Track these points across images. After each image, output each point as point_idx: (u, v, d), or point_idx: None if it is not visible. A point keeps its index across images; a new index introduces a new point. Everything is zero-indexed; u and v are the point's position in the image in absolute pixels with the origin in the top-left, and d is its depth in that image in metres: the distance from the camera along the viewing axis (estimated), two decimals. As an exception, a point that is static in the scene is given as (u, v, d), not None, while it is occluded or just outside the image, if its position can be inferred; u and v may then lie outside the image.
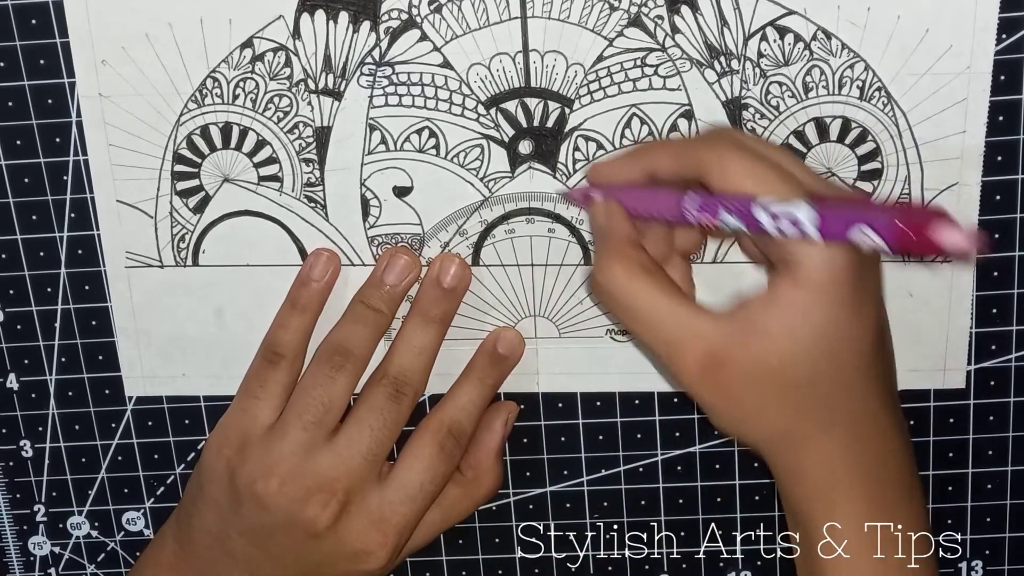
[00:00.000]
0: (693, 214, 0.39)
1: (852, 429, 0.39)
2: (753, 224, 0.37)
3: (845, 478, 0.39)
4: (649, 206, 0.41)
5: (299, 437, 0.45)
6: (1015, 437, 0.49)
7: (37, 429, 0.52)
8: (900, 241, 0.33)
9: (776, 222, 0.36)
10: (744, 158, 0.38)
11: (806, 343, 0.37)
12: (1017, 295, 0.47)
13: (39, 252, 0.49)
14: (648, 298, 0.39)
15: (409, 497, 0.45)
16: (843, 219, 0.35)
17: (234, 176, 0.47)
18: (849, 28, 0.43)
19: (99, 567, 0.54)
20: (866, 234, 0.34)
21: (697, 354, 0.38)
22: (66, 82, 0.46)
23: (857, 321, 0.37)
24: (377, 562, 0.45)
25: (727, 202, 0.37)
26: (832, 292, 0.36)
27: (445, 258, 0.47)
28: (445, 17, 0.44)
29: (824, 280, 0.36)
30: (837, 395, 0.39)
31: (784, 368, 0.38)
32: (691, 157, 0.39)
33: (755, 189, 0.37)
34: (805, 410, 0.39)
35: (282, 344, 0.47)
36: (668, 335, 0.39)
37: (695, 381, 0.39)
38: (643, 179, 0.41)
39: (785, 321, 0.37)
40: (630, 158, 0.42)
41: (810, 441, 0.39)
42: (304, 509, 0.44)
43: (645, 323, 0.39)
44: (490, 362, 0.48)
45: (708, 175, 0.38)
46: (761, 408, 0.39)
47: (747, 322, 0.38)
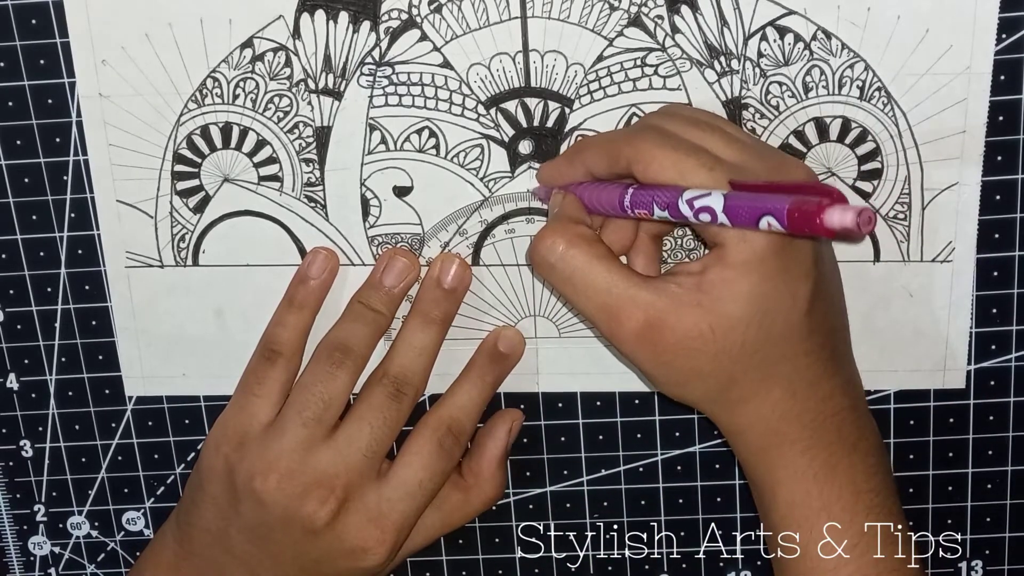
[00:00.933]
0: (631, 209, 0.40)
1: (788, 391, 0.41)
2: (678, 216, 0.38)
3: (784, 435, 0.41)
4: (596, 201, 0.42)
5: (298, 434, 0.45)
6: (1015, 437, 0.49)
7: (37, 429, 0.52)
8: (798, 228, 0.35)
9: (696, 213, 0.37)
10: (663, 149, 0.39)
11: (736, 314, 0.39)
12: (1017, 295, 0.47)
13: (39, 252, 0.49)
14: (585, 266, 0.40)
15: (408, 494, 0.45)
16: (749, 209, 0.36)
17: (234, 176, 0.47)
18: (849, 28, 0.43)
19: (99, 567, 0.54)
20: (770, 223, 0.35)
21: (633, 321, 0.40)
22: (66, 82, 0.46)
23: (785, 292, 0.39)
24: (376, 559, 0.45)
25: (658, 195, 0.39)
26: (755, 269, 0.39)
27: (445, 258, 0.47)
28: (445, 17, 0.44)
29: (746, 259, 0.38)
30: (770, 360, 0.40)
31: (716, 336, 0.39)
32: (618, 155, 0.41)
33: (677, 180, 0.39)
34: (739, 374, 0.40)
35: (280, 341, 0.47)
36: (605, 301, 0.40)
37: (632, 347, 0.40)
38: (585, 178, 0.43)
39: (715, 295, 0.39)
40: (567, 160, 0.44)
41: (747, 403, 0.41)
42: (302, 506, 0.44)
43: (584, 290, 0.41)
44: (490, 361, 0.48)
45: (636, 170, 0.40)
46: (696, 372, 0.40)
47: (681, 293, 0.40)
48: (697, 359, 0.40)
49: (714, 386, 0.41)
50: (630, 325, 0.40)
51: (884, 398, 0.49)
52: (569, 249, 0.41)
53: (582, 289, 0.41)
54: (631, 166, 0.40)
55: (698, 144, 0.40)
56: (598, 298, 0.40)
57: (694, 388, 0.42)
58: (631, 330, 0.40)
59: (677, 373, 0.41)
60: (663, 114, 0.43)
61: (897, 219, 0.46)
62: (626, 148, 0.40)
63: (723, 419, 0.43)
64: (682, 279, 0.40)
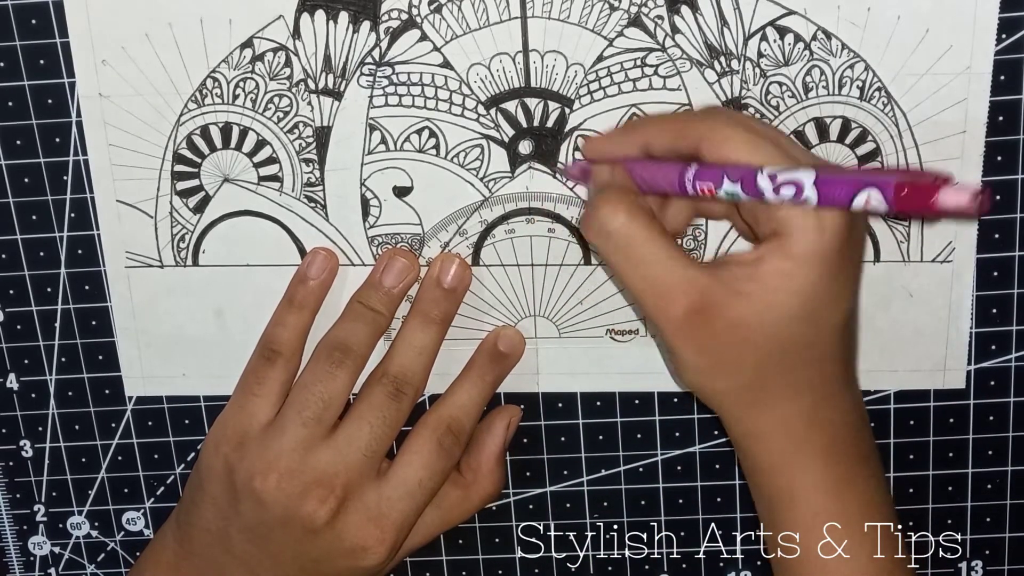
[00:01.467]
0: (695, 184, 0.39)
1: (817, 397, 0.41)
2: (754, 191, 0.37)
3: (805, 443, 0.41)
4: (649, 177, 0.41)
5: (298, 433, 0.45)
6: (1015, 437, 0.49)
7: (37, 429, 0.52)
8: (906, 205, 0.34)
9: (777, 190, 0.37)
10: (743, 131, 0.39)
11: (785, 309, 0.38)
12: (1017, 295, 0.47)
13: (39, 252, 0.49)
14: (647, 239, 0.40)
15: (407, 493, 0.45)
16: (846, 184, 0.35)
17: (234, 176, 0.47)
18: (849, 28, 0.43)
19: (99, 567, 0.54)
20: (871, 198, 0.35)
21: (685, 301, 0.39)
22: (66, 82, 0.46)
23: (835, 294, 0.39)
24: (375, 558, 0.45)
25: (731, 170, 0.38)
26: (816, 264, 0.38)
27: (445, 258, 0.47)
28: (445, 17, 0.44)
29: (809, 252, 0.37)
30: (807, 363, 0.40)
31: (763, 329, 0.39)
32: (688, 131, 0.40)
33: (756, 160, 0.38)
34: (775, 372, 0.40)
35: (279, 341, 0.47)
36: (659, 278, 0.39)
37: (676, 328, 0.40)
38: (638, 154, 0.42)
39: (769, 286, 0.38)
40: (625, 133, 0.43)
41: (775, 403, 0.41)
42: (302, 505, 0.44)
43: (639, 264, 0.40)
44: (490, 360, 0.48)
45: (706, 148, 0.39)
46: (735, 363, 0.40)
47: (733, 281, 0.39)
48: (740, 349, 0.39)
49: (749, 380, 0.40)
50: (681, 305, 0.39)
51: (884, 398, 0.49)
52: (630, 220, 0.39)
53: (637, 261, 0.40)
54: (702, 142, 0.39)
55: (772, 135, 0.39)
56: (652, 272, 0.39)
57: (728, 380, 0.41)
58: (680, 310, 0.39)
59: (716, 362, 0.40)
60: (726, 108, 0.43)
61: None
62: (698, 124, 0.40)
63: (746, 419, 0.42)
64: (735, 267, 0.39)
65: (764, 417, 0.41)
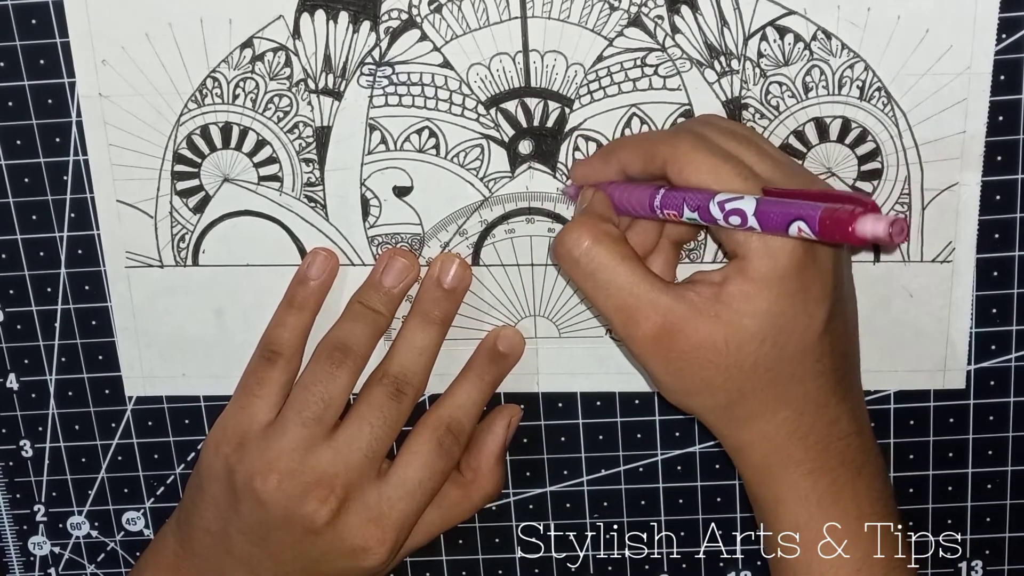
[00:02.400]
0: (661, 209, 0.40)
1: (798, 409, 0.41)
2: (708, 218, 0.38)
3: (787, 457, 0.41)
4: (625, 201, 0.42)
5: (298, 434, 0.45)
6: (1015, 437, 0.49)
7: (37, 429, 0.52)
8: (830, 235, 0.35)
9: (727, 215, 0.37)
10: (700, 153, 0.39)
11: (751, 330, 0.39)
12: (1017, 295, 0.47)
13: (39, 252, 0.49)
14: (609, 264, 0.40)
15: (408, 493, 0.45)
16: (781, 214, 0.36)
17: (234, 176, 0.47)
18: (849, 28, 0.43)
19: (99, 567, 0.54)
20: (800, 228, 0.35)
21: (650, 324, 0.40)
22: (66, 82, 0.46)
23: (802, 312, 0.39)
24: (376, 559, 0.45)
25: (690, 197, 0.39)
26: (775, 285, 0.38)
27: (445, 258, 0.47)
28: (445, 17, 0.44)
29: (767, 273, 0.38)
30: (780, 379, 0.40)
31: (729, 349, 0.39)
32: (654, 155, 0.41)
33: (711, 184, 0.39)
34: (749, 391, 0.40)
35: (280, 342, 0.47)
36: (624, 301, 0.40)
37: (645, 350, 0.40)
38: (618, 177, 0.43)
39: (732, 308, 0.39)
40: (602, 157, 0.44)
41: (753, 420, 0.41)
42: (303, 505, 0.44)
43: (604, 287, 0.40)
44: (490, 360, 0.48)
45: (670, 171, 0.40)
46: (706, 383, 0.40)
47: (700, 303, 0.39)
48: (708, 370, 0.40)
49: (722, 400, 0.41)
50: (646, 327, 0.40)
51: (884, 398, 0.49)
52: (594, 245, 0.40)
53: (603, 286, 0.40)
54: (666, 166, 0.40)
55: (733, 153, 0.40)
56: (618, 297, 0.40)
57: (702, 399, 0.41)
58: (646, 333, 0.40)
59: (687, 382, 0.41)
60: (701, 122, 0.43)
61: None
62: (663, 148, 0.40)
63: (727, 433, 0.42)
64: (701, 288, 0.40)
65: (744, 432, 0.42)
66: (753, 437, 0.41)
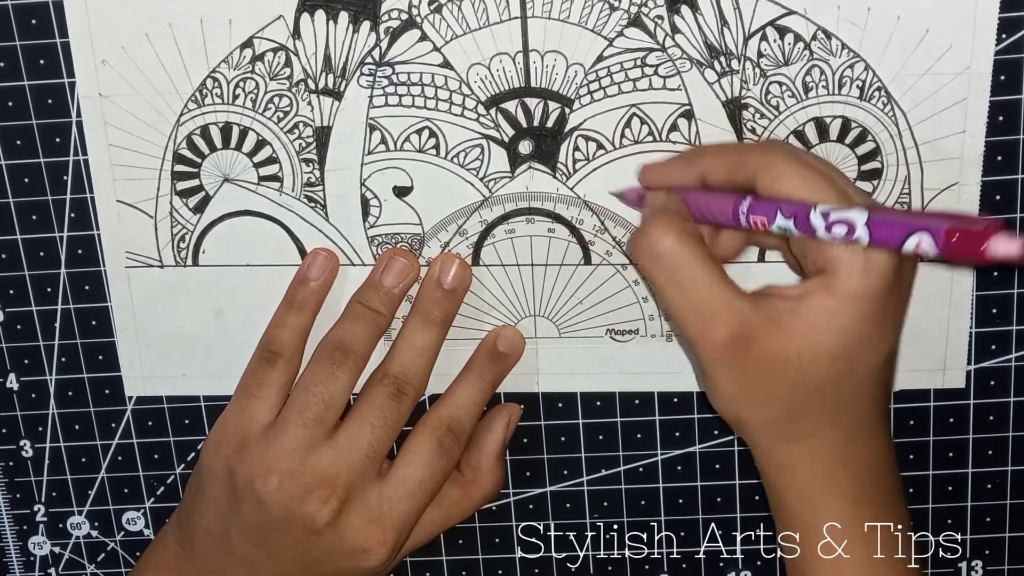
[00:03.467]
0: (748, 216, 0.39)
1: (849, 433, 0.41)
2: (806, 228, 0.37)
3: (836, 478, 0.41)
4: (704, 207, 0.41)
5: (299, 434, 0.45)
6: (1015, 437, 0.49)
7: (37, 429, 0.52)
8: (955, 251, 0.34)
9: (829, 228, 0.37)
10: (798, 167, 0.39)
11: (824, 346, 0.39)
12: (1017, 295, 0.47)
13: (39, 252, 0.49)
14: (694, 263, 0.40)
15: (408, 494, 0.45)
16: (899, 226, 0.36)
17: (234, 176, 0.47)
18: (849, 28, 0.43)
19: (99, 567, 0.54)
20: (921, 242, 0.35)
21: (726, 328, 0.39)
22: (66, 82, 0.46)
23: (877, 336, 0.39)
24: (377, 559, 0.45)
25: (785, 206, 0.38)
26: (860, 304, 0.38)
27: (445, 258, 0.47)
28: (445, 17, 0.44)
29: (855, 292, 0.38)
30: (843, 400, 0.40)
31: (801, 363, 0.39)
32: (744, 163, 0.40)
33: (806, 197, 0.38)
34: (810, 407, 0.40)
35: (279, 343, 0.47)
36: (704, 303, 0.39)
37: (715, 354, 0.40)
38: (694, 183, 0.42)
39: (811, 322, 0.38)
40: (682, 161, 0.43)
41: (808, 437, 0.41)
42: (303, 506, 0.44)
43: (684, 287, 0.40)
44: (490, 360, 0.48)
45: (761, 181, 0.39)
46: (768, 394, 0.40)
47: (776, 314, 0.39)
48: (774, 382, 0.39)
49: (780, 414, 0.40)
50: (722, 332, 0.39)
51: (884, 398, 0.49)
52: (678, 243, 0.40)
53: (682, 284, 0.40)
54: (757, 175, 0.39)
55: (826, 172, 0.39)
56: (697, 297, 0.39)
57: (760, 411, 0.41)
58: (722, 337, 0.39)
59: (750, 391, 0.40)
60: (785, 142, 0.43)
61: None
62: (755, 157, 0.40)
63: (776, 450, 0.42)
64: (777, 300, 0.39)
65: (793, 450, 0.41)
66: (803, 456, 0.41)
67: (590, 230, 0.47)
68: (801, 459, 0.41)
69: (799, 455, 0.41)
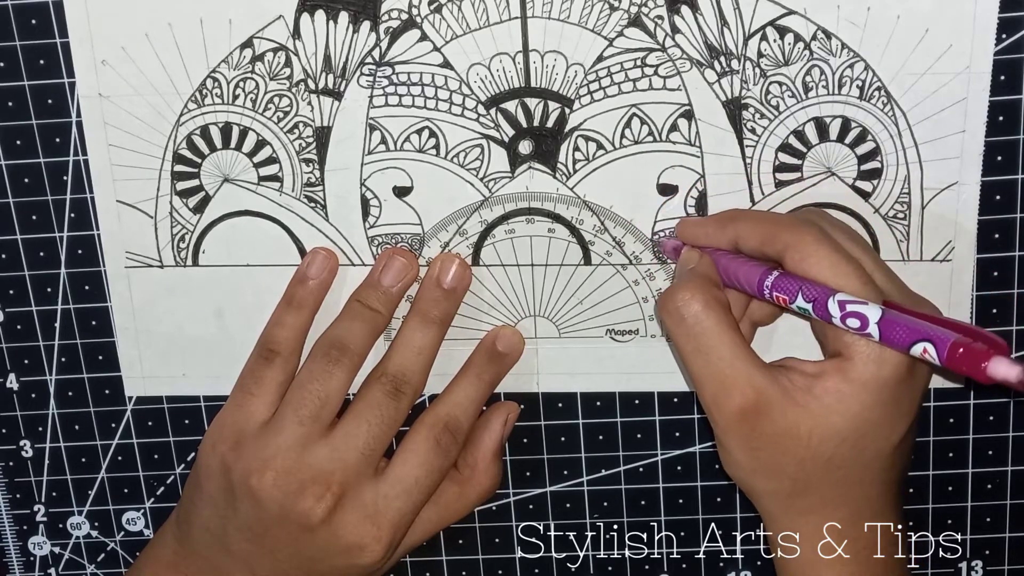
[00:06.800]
0: (771, 292, 0.40)
1: (854, 513, 0.42)
2: (823, 314, 0.38)
3: (836, 560, 0.42)
4: (732, 273, 0.42)
5: (295, 431, 0.45)
6: (1015, 437, 0.49)
7: (37, 429, 0.52)
8: (957, 366, 0.35)
9: (844, 316, 0.38)
10: (827, 250, 0.40)
11: (835, 429, 0.40)
12: (1017, 295, 0.47)
13: (39, 252, 0.49)
14: (715, 332, 0.41)
15: (404, 491, 0.45)
16: (907, 331, 0.36)
17: (234, 176, 0.47)
18: (849, 28, 0.43)
19: (99, 567, 0.54)
20: (926, 350, 0.36)
21: (741, 399, 0.40)
22: (66, 82, 0.46)
23: (887, 423, 0.40)
24: (372, 556, 0.45)
25: (807, 288, 0.39)
26: (872, 391, 0.39)
27: (445, 258, 0.47)
28: (445, 17, 0.44)
29: (867, 380, 0.39)
30: (849, 480, 0.41)
31: (809, 442, 0.40)
32: (776, 237, 0.41)
33: (830, 280, 0.39)
34: (816, 484, 0.41)
35: (278, 341, 0.47)
36: (722, 372, 0.40)
37: (730, 424, 0.41)
38: (728, 246, 0.43)
39: (823, 403, 0.39)
40: (718, 224, 0.44)
41: (812, 513, 0.42)
42: (298, 502, 0.44)
43: (705, 354, 0.41)
44: (488, 359, 0.48)
45: (790, 259, 0.40)
46: (778, 468, 0.41)
47: (792, 390, 0.40)
48: (783, 456, 0.40)
49: (787, 487, 0.41)
50: (737, 402, 0.40)
51: (884, 398, 0.49)
52: (704, 310, 0.41)
53: (704, 352, 0.41)
54: (786, 251, 0.40)
55: (855, 256, 0.40)
56: (717, 366, 0.40)
57: (767, 482, 0.42)
58: (736, 407, 0.40)
59: (759, 463, 0.41)
60: (819, 214, 0.44)
61: (897, 219, 0.46)
62: (786, 233, 0.41)
63: (782, 519, 0.43)
64: (795, 376, 0.40)
65: (798, 523, 0.42)
66: (807, 530, 0.42)
67: (590, 230, 0.47)
68: (805, 533, 0.42)
69: (803, 529, 0.42)
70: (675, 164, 0.46)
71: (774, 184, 0.46)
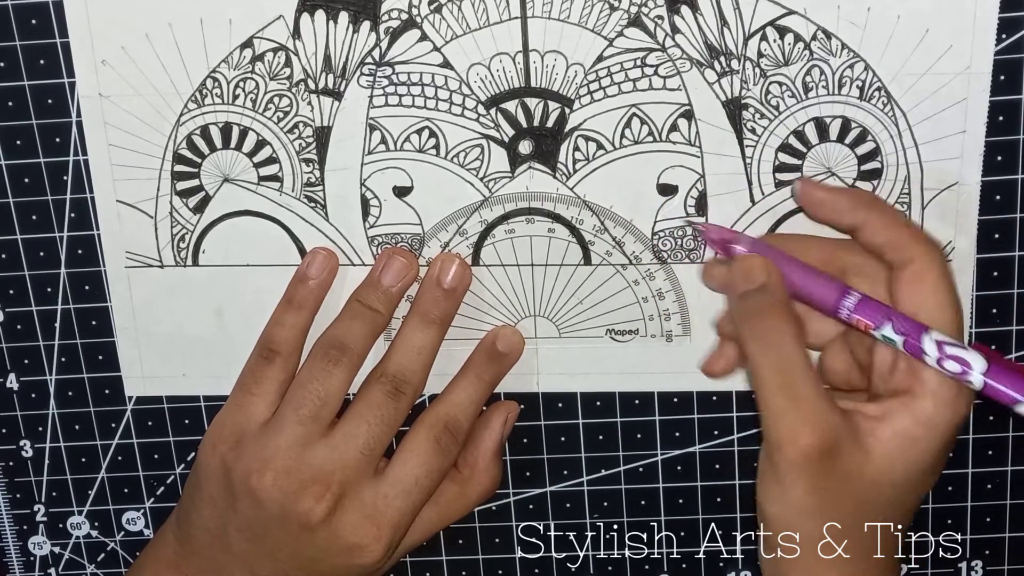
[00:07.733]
0: (851, 314, 0.39)
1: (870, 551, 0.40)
2: (915, 350, 0.37)
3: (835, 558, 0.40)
4: (802, 286, 0.41)
5: (295, 431, 0.45)
6: (1015, 437, 0.49)
7: (37, 429, 0.52)
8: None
9: (943, 359, 0.36)
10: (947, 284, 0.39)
11: (897, 475, 0.39)
12: (1017, 295, 0.47)
13: (39, 252, 0.49)
14: (805, 368, 0.39)
15: (404, 491, 0.45)
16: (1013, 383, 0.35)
17: (234, 176, 0.47)
18: (849, 28, 0.43)
19: (99, 567, 0.54)
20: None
21: (815, 438, 0.39)
22: (66, 82, 0.46)
23: (936, 469, 0.40)
24: (372, 556, 0.45)
25: (898, 320, 0.37)
26: (938, 439, 0.38)
27: (445, 258, 0.47)
28: (445, 17, 0.44)
29: (940, 424, 0.38)
30: (876, 519, 0.40)
31: (863, 483, 0.39)
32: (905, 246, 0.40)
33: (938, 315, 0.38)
34: (846, 524, 0.40)
35: (278, 341, 0.47)
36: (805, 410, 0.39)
37: (797, 460, 0.39)
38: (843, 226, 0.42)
39: (889, 448, 0.39)
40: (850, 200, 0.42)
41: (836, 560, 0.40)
42: (298, 502, 0.44)
43: (790, 389, 0.39)
44: (488, 359, 0.48)
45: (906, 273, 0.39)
46: (835, 509, 0.40)
47: (860, 433, 0.39)
48: (844, 500, 0.39)
49: (820, 522, 0.40)
50: (813, 439, 0.38)
51: (884, 398, 0.49)
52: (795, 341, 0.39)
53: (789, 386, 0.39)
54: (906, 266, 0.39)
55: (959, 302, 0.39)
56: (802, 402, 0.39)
57: (815, 523, 0.40)
58: (809, 443, 0.38)
59: (818, 503, 0.39)
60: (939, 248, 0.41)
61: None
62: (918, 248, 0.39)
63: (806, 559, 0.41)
64: (860, 419, 0.39)
65: (822, 567, 0.41)
66: (823, 565, 0.41)
67: (590, 230, 0.47)
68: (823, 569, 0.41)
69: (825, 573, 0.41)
70: (675, 164, 0.46)
71: (774, 184, 0.46)
